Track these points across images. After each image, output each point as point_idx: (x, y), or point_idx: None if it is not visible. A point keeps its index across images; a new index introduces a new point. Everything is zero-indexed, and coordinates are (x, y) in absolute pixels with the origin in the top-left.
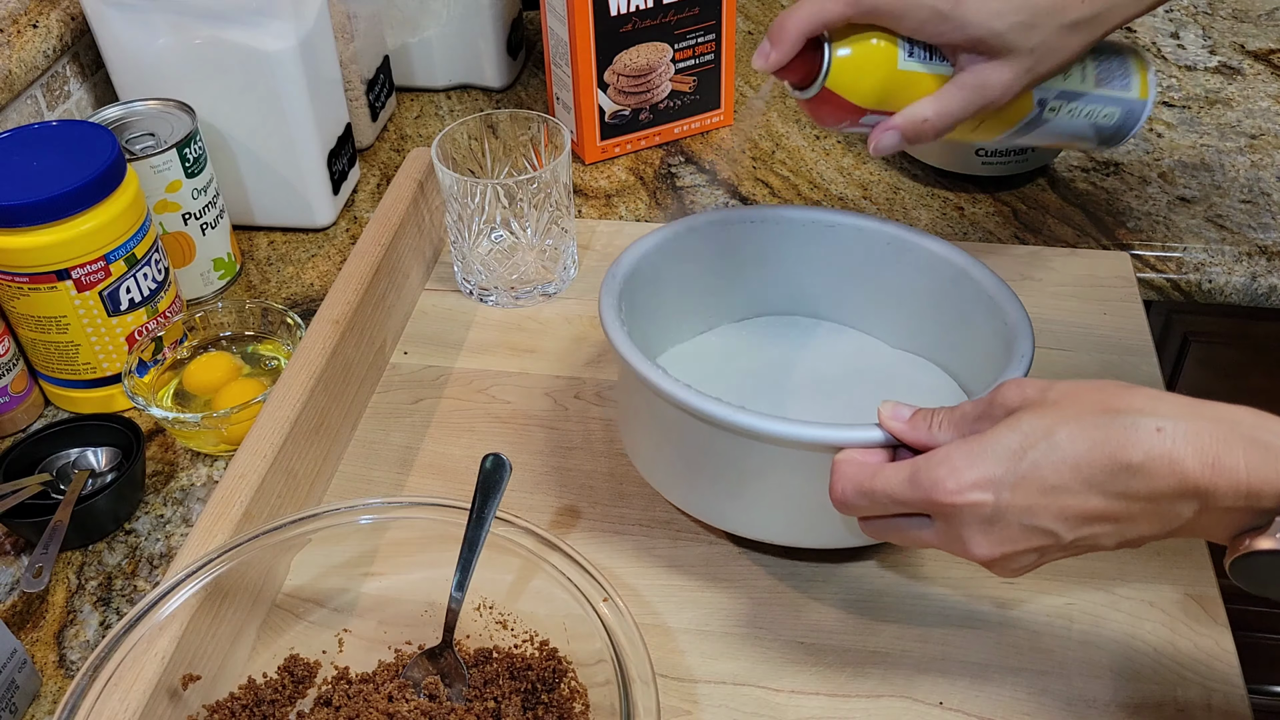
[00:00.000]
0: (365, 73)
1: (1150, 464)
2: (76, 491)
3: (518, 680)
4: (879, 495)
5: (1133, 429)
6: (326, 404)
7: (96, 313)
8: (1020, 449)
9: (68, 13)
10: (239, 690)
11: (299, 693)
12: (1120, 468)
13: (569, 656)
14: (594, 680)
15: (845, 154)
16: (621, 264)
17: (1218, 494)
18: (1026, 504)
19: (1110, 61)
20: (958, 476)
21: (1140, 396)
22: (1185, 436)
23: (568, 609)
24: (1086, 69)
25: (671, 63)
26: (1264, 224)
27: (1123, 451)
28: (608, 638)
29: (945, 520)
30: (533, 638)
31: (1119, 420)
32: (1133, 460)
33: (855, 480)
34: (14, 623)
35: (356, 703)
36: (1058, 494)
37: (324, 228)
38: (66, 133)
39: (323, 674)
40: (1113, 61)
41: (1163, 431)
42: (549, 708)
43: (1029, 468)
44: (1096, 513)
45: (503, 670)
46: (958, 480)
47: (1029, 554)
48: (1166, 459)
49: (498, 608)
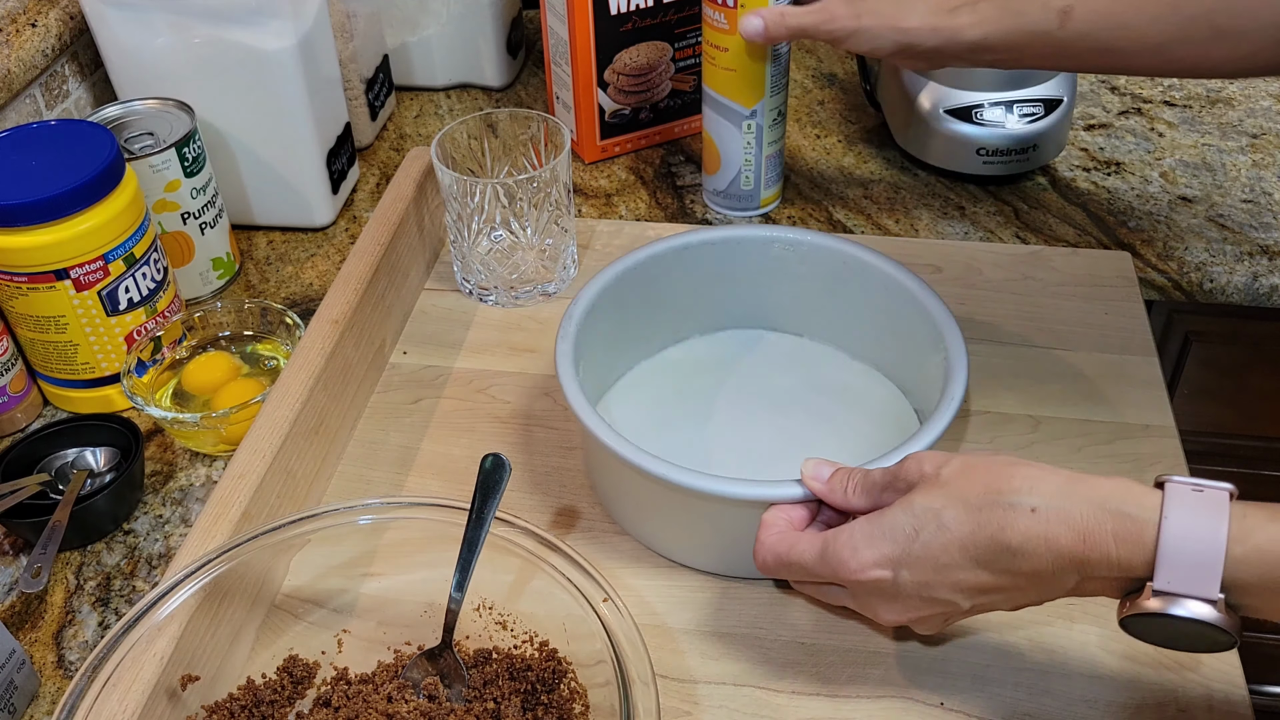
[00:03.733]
0: (365, 72)
1: (1027, 545)
2: (75, 491)
3: (517, 681)
4: (795, 567)
5: (1011, 511)
6: (326, 404)
7: (95, 312)
8: (914, 531)
9: (66, 12)
10: (238, 691)
11: (298, 693)
12: (1001, 549)
13: (569, 657)
14: (594, 681)
15: (845, 154)
16: (579, 303)
17: (1092, 565)
18: (923, 579)
19: None
20: (859, 557)
21: (1021, 476)
22: (1059, 516)
23: (568, 609)
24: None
25: (671, 62)
26: (1265, 224)
27: (1002, 534)
28: (608, 638)
29: (853, 592)
30: (532, 638)
31: (1000, 502)
32: (1011, 542)
33: (774, 551)
34: (13, 623)
35: (356, 703)
36: (949, 570)
37: (323, 227)
38: (65, 132)
39: (322, 674)
40: None
41: (1037, 512)
42: (549, 708)
43: (921, 548)
44: (987, 585)
45: (502, 671)
46: (859, 560)
47: (934, 618)
48: (1042, 539)
49: (497, 608)
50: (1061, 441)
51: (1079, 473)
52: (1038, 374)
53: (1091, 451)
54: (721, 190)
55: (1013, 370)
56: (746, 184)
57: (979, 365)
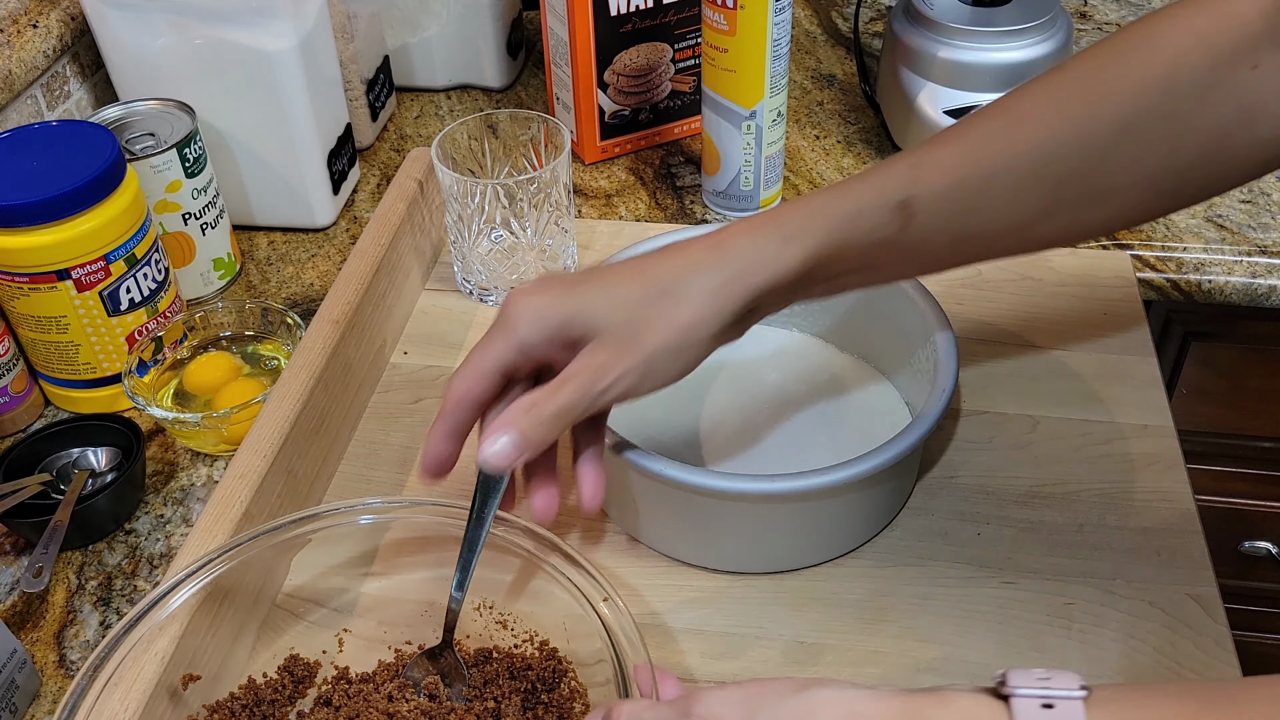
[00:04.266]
0: (365, 73)
1: None
2: (76, 491)
3: (518, 680)
4: None
5: None
6: (326, 404)
7: (96, 313)
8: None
9: (68, 13)
10: (239, 690)
11: (299, 693)
12: None
13: (569, 656)
14: (594, 680)
15: (845, 154)
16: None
17: None
18: None
19: None
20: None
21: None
22: None
23: (568, 609)
24: None
25: (671, 63)
26: (1264, 224)
27: None
28: (608, 638)
29: None
30: (533, 637)
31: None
32: None
33: None
34: (14, 623)
35: (356, 703)
36: None
37: (324, 228)
38: (66, 133)
39: (323, 674)
40: None
41: None
42: (549, 708)
43: None
44: None
45: (503, 670)
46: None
47: None
48: None
49: (498, 608)
50: (1059, 441)
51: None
52: (1036, 374)
53: (1090, 452)
54: (721, 191)
55: (1011, 370)
56: (746, 185)
57: (976, 365)
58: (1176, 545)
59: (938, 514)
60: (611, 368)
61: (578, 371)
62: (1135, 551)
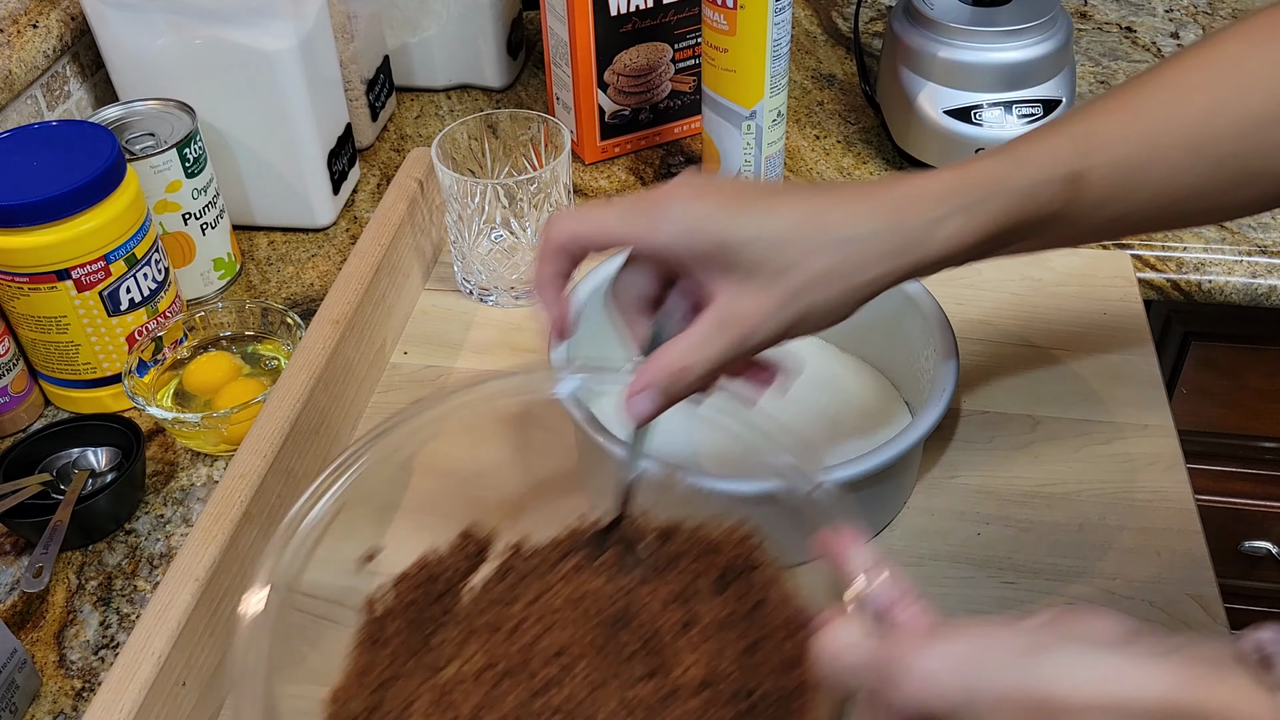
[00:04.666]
0: (365, 73)
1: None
2: (76, 491)
3: (702, 561)
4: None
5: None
6: (326, 404)
7: (96, 313)
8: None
9: (68, 13)
10: (413, 568)
11: (474, 567)
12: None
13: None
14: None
15: (845, 154)
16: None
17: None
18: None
19: None
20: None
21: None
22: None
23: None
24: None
25: (671, 63)
26: (1264, 224)
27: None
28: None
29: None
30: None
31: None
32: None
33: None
34: (14, 623)
35: (531, 580)
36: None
37: (324, 228)
38: (66, 133)
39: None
40: None
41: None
42: (744, 595)
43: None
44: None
45: (689, 549)
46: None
47: None
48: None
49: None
50: (1060, 441)
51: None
52: (1036, 374)
53: (1090, 452)
54: None
55: (1011, 370)
56: None
57: (977, 365)
58: (1176, 545)
59: (938, 514)
60: (767, 320)
61: (731, 320)
62: (1135, 551)
